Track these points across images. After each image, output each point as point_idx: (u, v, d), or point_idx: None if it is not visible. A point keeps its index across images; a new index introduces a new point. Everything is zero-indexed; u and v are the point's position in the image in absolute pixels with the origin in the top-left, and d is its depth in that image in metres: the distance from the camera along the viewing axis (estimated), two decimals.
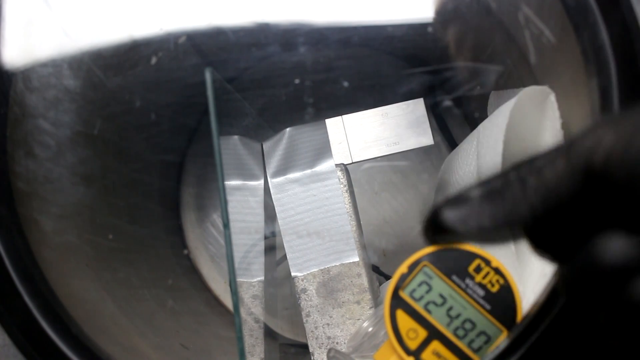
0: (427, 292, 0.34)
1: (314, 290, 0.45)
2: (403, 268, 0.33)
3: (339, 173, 0.46)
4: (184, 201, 0.64)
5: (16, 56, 0.40)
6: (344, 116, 0.48)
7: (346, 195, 0.46)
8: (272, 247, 0.53)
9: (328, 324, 0.45)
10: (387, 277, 0.58)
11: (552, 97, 0.38)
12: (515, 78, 0.45)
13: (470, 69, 0.50)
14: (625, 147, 0.17)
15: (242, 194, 0.49)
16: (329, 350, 0.44)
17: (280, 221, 0.46)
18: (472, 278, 0.32)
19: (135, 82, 0.49)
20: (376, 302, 0.45)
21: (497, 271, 0.32)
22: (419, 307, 0.34)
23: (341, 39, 0.55)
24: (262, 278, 0.48)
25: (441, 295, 0.33)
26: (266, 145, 0.49)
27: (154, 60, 0.48)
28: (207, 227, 0.64)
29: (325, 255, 0.46)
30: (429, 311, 0.33)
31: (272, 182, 0.47)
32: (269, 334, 0.52)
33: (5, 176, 0.39)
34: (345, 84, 0.55)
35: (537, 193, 0.20)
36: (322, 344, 0.45)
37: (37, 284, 0.37)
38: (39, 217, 0.41)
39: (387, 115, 0.48)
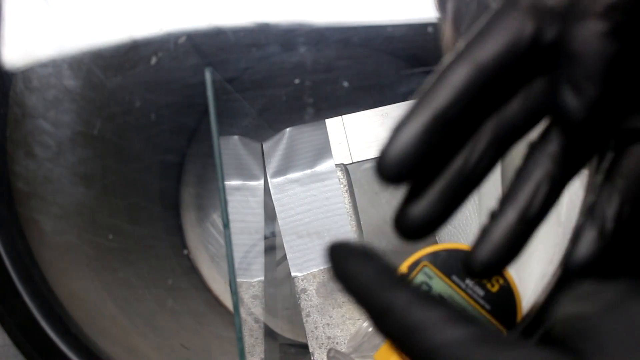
0: (427, 292, 0.33)
1: (314, 290, 0.45)
2: (403, 268, 0.33)
3: (339, 173, 0.46)
4: (184, 201, 0.64)
5: (16, 56, 0.40)
6: (344, 116, 0.48)
7: (346, 195, 0.46)
8: (272, 247, 0.53)
9: (328, 324, 0.45)
10: None
11: None
12: None
13: None
14: None
15: (242, 194, 0.49)
16: (329, 350, 0.44)
17: (280, 221, 0.46)
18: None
19: (135, 82, 0.49)
20: None
21: None
22: None
23: (341, 39, 0.55)
24: (262, 278, 0.48)
25: (441, 296, 0.33)
26: (266, 145, 0.49)
27: (154, 60, 0.48)
28: (207, 227, 0.64)
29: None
30: None
31: (272, 182, 0.47)
32: (269, 334, 0.52)
33: (5, 176, 0.39)
34: (345, 84, 0.55)
35: None
36: (322, 344, 0.45)
37: (37, 284, 0.37)
38: (39, 217, 0.41)
39: (387, 115, 0.48)
